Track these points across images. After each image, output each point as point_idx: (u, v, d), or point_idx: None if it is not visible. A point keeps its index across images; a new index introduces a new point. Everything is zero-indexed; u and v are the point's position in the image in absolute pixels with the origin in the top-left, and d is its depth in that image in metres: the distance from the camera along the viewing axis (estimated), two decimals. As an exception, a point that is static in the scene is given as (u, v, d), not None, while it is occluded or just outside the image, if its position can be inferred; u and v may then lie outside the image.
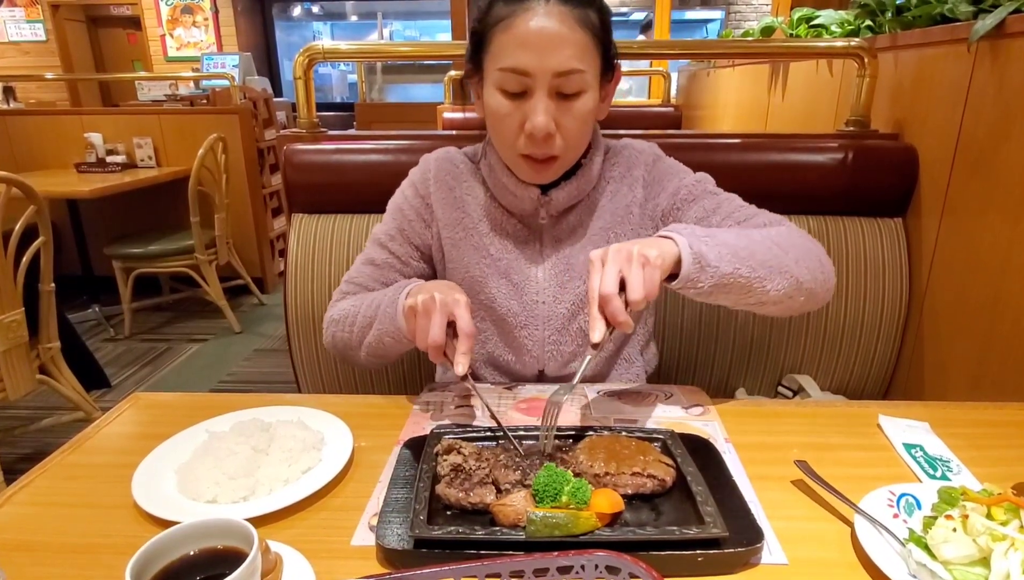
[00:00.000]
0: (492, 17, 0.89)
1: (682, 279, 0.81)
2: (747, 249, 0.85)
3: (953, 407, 0.95)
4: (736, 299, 0.87)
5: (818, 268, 0.92)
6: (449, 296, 0.85)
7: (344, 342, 1.02)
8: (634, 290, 0.76)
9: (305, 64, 1.42)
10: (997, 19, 1.08)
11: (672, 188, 1.03)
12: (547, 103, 0.88)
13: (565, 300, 1.03)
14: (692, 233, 0.84)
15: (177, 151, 3.82)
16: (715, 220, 0.98)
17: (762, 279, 0.85)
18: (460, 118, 3.21)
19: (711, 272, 0.81)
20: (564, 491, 0.64)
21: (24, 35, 7.63)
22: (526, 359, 1.06)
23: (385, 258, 1.07)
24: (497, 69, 0.89)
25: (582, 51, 0.87)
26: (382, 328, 0.94)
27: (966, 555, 0.57)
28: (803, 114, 2.18)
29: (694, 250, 0.81)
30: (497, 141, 0.97)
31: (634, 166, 1.05)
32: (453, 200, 1.06)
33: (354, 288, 1.07)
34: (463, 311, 0.85)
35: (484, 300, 1.04)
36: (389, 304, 0.93)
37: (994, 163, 1.13)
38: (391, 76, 8.83)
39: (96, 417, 0.95)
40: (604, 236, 1.03)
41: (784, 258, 0.88)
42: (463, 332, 0.84)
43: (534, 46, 0.86)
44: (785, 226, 0.96)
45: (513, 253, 1.04)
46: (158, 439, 0.81)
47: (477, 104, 0.99)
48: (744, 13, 7.52)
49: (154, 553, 0.52)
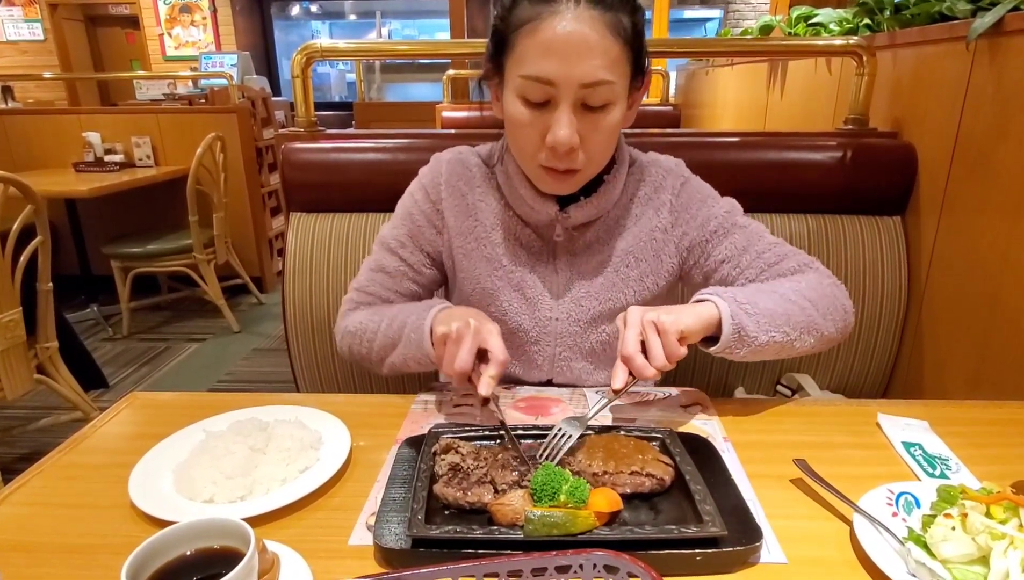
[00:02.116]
0: (516, 17, 0.83)
1: (721, 346, 0.84)
2: (784, 314, 0.87)
3: (952, 405, 0.95)
4: (765, 358, 0.90)
5: (841, 318, 0.94)
6: (484, 325, 0.84)
7: (362, 356, 1.00)
8: (655, 358, 0.79)
9: (303, 63, 1.41)
10: (995, 17, 1.08)
11: (702, 218, 0.99)
12: (571, 116, 0.83)
13: (580, 319, 1.00)
14: (734, 299, 0.85)
15: (175, 150, 3.81)
16: (745, 259, 0.97)
17: (793, 341, 0.88)
18: (459, 117, 3.21)
19: (748, 341, 0.85)
20: (562, 490, 0.64)
21: (22, 34, 7.62)
22: (534, 373, 1.04)
23: (397, 266, 1.03)
24: (519, 76, 0.83)
25: (612, 61, 0.81)
26: (407, 353, 0.91)
27: (965, 553, 0.57)
28: (802, 113, 2.17)
29: (735, 321, 0.84)
30: (515, 149, 0.92)
31: (661, 189, 1.00)
32: (465, 207, 1.01)
33: (368, 298, 1.03)
34: (496, 340, 0.83)
35: (495, 313, 1.00)
36: (414, 329, 0.90)
37: (992, 161, 1.13)
38: (390, 75, 8.83)
39: (94, 417, 0.94)
40: (625, 259, 0.99)
41: (814, 315, 0.90)
42: (495, 359, 0.82)
43: (560, 54, 0.80)
44: (814, 272, 0.97)
45: (527, 266, 1.00)
46: (155, 439, 0.81)
47: (496, 106, 0.94)
48: (743, 12, 7.52)
49: (151, 553, 0.52)
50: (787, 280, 0.94)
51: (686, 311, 0.84)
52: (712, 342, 0.85)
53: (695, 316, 0.83)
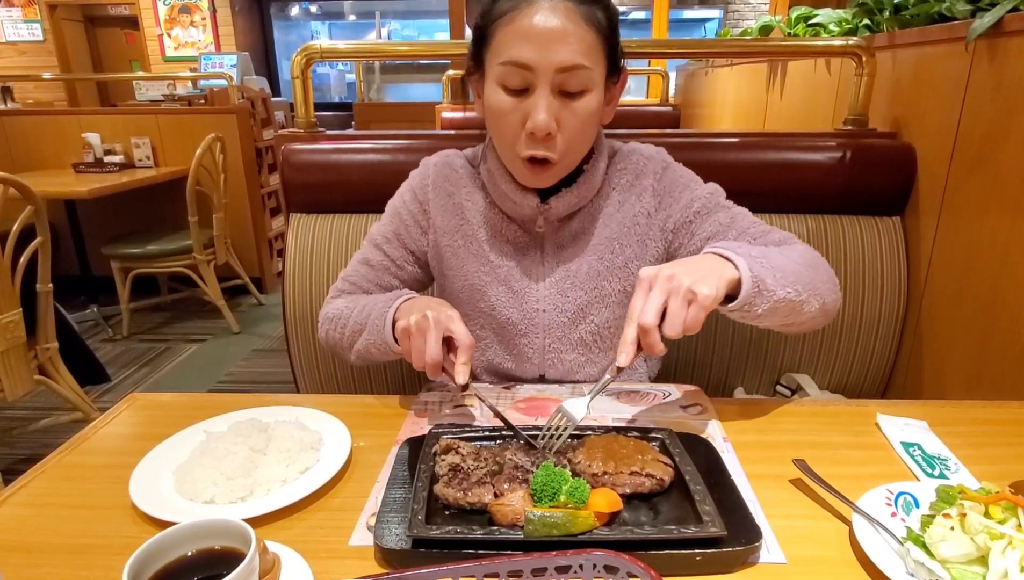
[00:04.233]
0: (495, 12, 0.87)
1: (741, 302, 0.78)
2: (794, 272, 0.84)
3: (951, 406, 0.95)
4: (774, 322, 0.85)
5: (833, 288, 0.93)
6: (441, 313, 0.84)
7: (335, 342, 1.04)
8: (672, 326, 0.74)
9: (303, 64, 1.42)
10: (995, 17, 1.08)
11: (685, 200, 1.00)
12: (549, 100, 0.86)
13: (566, 309, 1.01)
14: (748, 254, 0.81)
15: (175, 151, 3.81)
16: (731, 235, 0.96)
17: (803, 302, 0.84)
18: (458, 118, 3.21)
19: (768, 296, 0.79)
20: (562, 491, 0.64)
21: (21, 35, 7.62)
22: (526, 366, 1.05)
23: (380, 260, 1.07)
24: (498, 63, 0.87)
25: (587, 48, 0.85)
26: (370, 339, 0.94)
27: (964, 553, 0.57)
28: (801, 113, 2.18)
29: (754, 274, 0.78)
30: (497, 141, 0.95)
31: (642, 175, 1.02)
32: (452, 207, 1.04)
33: (350, 287, 1.07)
34: (458, 325, 0.84)
35: (484, 308, 1.03)
36: (378, 316, 0.93)
37: (992, 161, 1.13)
38: (389, 76, 8.83)
39: (94, 417, 0.94)
40: (610, 246, 1.01)
41: (815, 279, 0.88)
42: (462, 344, 0.83)
43: (537, 39, 0.84)
44: (801, 243, 0.96)
45: (513, 260, 1.02)
46: (156, 439, 0.81)
47: (477, 103, 0.97)
48: (742, 12, 7.52)
49: (152, 554, 0.52)
50: (781, 248, 0.93)
51: (715, 274, 0.77)
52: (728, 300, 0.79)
53: (722, 278, 0.76)
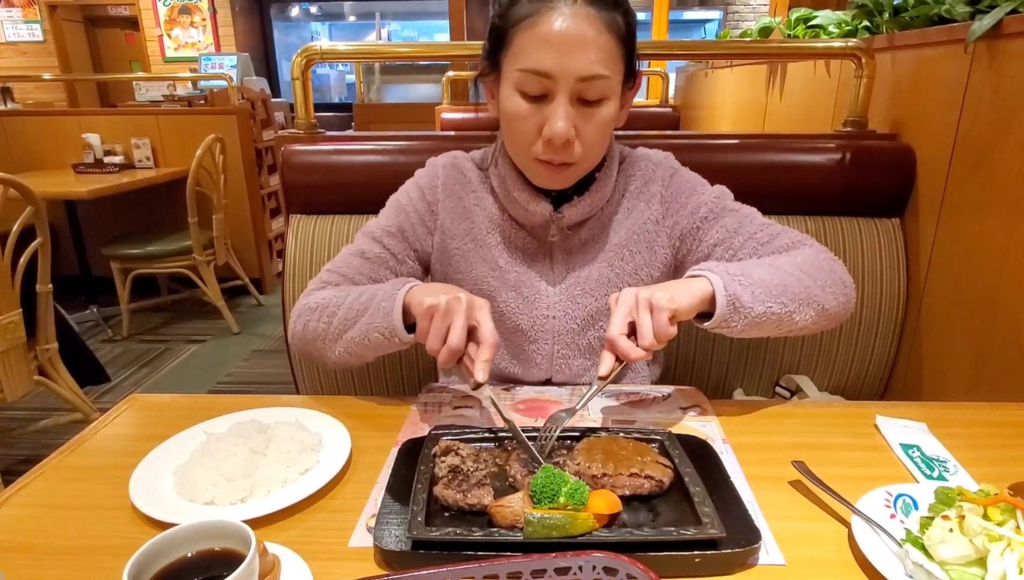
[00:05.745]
0: (515, 14, 0.85)
1: (716, 319, 0.82)
2: (780, 285, 0.85)
3: (950, 407, 0.95)
4: (765, 333, 0.88)
5: (841, 291, 0.93)
6: (475, 299, 0.82)
7: (317, 334, 0.94)
8: (643, 337, 0.78)
9: (303, 65, 1.42)
10: (994, 20, 1.08)
11: (692, 206, 1.00)
12: (568, 108, 0.84)
13: (576, 316, 1.01)
14: (726, 272, 0.84)
15: (175, 152, 3.81)
16: (738, 240, 0.96)
17: (792, 313, 0.86)
18: (458, 118, 3.21)
19: (744, 313, 0.83)
20: (562, 492, 0.64)
21: (21, 35, 7.62)
22: (533, 371, 1.04)
23: (378, 253, 1.01)
24: (517, 69, 0.85)
25: (607, 56, 0.84)
26: (372, 322, 0.87)
27: (963, 555, 0.57)
28: (801, 114, 2.18)
29: (729, 292, 0.82)
30: (511, 144, 0.93)
31: (651, 181, 1.01)
32: (462, 210, 1.02)
33: (338, 278, 1.00)
34: (487, 317, 0.81)
35: (493, 314, 0.97)
36: (385, 298, 0.87)
37: (991, 163, 1.13)
38: (389, 76, 8.83)
39: (94, 418, 0.95)
40: (619, 253, 1.00)
41: (812, 287, 0.88)
42: (487, 341, 0.80)
43: (558, 47, 0.82)
44: (809, 247, 0.96)
45: (523, 266, 1.01)
46: (156, 440, 0.81)
47: (491, 104, 0.95)
48: (742, 13, 7.53)
49: (152, 555, 0.52)
50: (782, 255, 0.94)
51: (679, 286, 0.83)
52: (707, 318, 0.84)
53: (688, 291, 0.82)
